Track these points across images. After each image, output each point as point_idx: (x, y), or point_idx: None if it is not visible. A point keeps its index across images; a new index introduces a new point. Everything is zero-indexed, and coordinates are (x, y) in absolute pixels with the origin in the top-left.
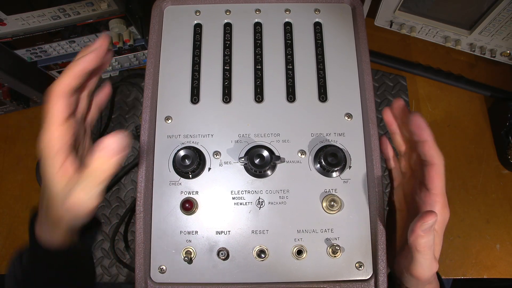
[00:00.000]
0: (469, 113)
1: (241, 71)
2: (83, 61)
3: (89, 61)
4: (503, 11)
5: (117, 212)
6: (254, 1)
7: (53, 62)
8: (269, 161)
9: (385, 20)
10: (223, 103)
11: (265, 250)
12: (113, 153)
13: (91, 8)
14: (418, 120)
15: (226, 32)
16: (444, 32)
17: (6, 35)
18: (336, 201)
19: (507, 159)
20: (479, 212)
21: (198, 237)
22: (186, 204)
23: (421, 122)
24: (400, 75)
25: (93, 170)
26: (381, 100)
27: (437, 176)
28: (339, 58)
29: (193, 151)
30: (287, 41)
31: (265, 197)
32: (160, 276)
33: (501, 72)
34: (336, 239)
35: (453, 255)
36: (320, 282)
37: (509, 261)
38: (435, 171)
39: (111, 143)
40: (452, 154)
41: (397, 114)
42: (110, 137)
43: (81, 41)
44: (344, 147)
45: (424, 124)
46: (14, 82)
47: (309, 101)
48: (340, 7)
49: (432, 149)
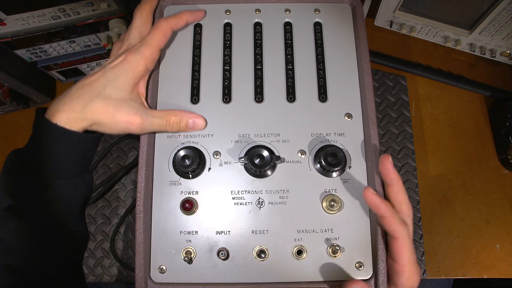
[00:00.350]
0: (469, 113)
1: (241, 71)
2: (195, 14)
3: (198, 16)
4: (503, 11)
5: (117, 212)
6: (254, 1)
7: (53, 62)
8: (269, 161)
9: (385, 20)
10: (223, 103)
11: (265, 250)
12: (190, 127)
13: (91, 8)
14: (386, 163)
15: (226, 32)
16: (444, 32)
17: (6, 35)
18: (336, 201)
19: (507, 159)
20: (479, 212)
21: (198, 237)
22: (186, 204)
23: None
24: (400, 75)
25: (158, 114)
26: (381, 100)
27: (400, 249)
28: (339, 58)
29: (193, 151)
30: (287, 41)
31: (265, 197)
32: (160, 276)
33: (501, 72)
34: (336, 239)
35: (453, 255)
36: (320, 282)
37: (509, 261)
38: (398, 244)
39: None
40: (452, 154)
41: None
42: (194, 113)
43: (81, 41)
44: (344, 147)
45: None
46: (14, 82)
47: (309, 101)
48: (340, 7)
49: (391, 224)
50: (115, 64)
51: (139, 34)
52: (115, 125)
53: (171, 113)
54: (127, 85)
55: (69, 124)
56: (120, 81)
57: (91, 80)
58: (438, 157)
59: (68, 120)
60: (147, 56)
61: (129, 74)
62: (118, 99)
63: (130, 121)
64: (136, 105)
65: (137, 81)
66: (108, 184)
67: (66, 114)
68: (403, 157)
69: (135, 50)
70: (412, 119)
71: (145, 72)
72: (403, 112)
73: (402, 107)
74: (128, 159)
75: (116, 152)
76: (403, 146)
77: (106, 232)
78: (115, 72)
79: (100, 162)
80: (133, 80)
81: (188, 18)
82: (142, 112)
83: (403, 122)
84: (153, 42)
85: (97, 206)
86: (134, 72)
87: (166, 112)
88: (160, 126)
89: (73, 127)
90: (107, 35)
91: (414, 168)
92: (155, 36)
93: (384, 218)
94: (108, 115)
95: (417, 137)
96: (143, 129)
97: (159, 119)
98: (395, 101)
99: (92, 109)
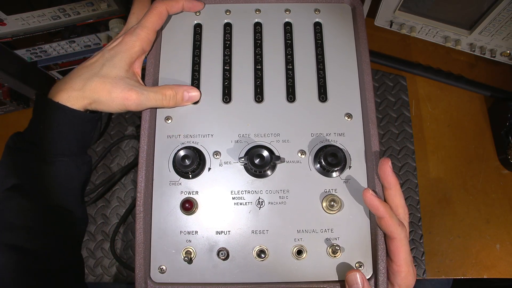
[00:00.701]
0: (469, 113)
1: (241, 71)
2: (192, 3)
3: (195, 6)
4: (503, 11)
5: (117, 212)
6: (254, 1)
7: (53, 62)
8: (269, 161)
9: (385, 20)
10: (223, 103)
11: (265, 250)
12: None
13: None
14: (385, 167)
15: (226, 32)
16: (444, 32)
17: (6, 35)
18: (336, 201)
19: (507, 159)
20: (479, 212)
21: (198, 237)
22: (186, 204)
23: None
24: (400, 75)
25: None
26: (381, 100)
27: (397, 250)
28: (339, 58)
29: (193, 151)
30: (287, 41)
31: (265, 197)
32: (160, 276)
33: (501, 72)
34: (336, 239)
35: (453, 255)
36: (320, 282)
37: (509, 261)
38: (395, 245)
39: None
40: (452, 154)
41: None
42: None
43: (81, 41)
44: (344, 147)
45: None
46: (14, 82)
47: (309, 101)
48: (340, 7)
49: (389, 225)
50: (113, 46)
51: (137, 18)
52: (112, 102)
53: (166, 87)
54: (123, 64)
55: (70, 102)
56: (117, 60)
57: (91, 62)
58: (438, 157)
59: (69, 98)
60: (143, 37)
61: (125, 54)
62: (115, 77)
63: (126, 96)
64: (132, 82)
65: (133, 61)
66: (108, 184)
67: (66, 92)
68: (403, 157)
69: (131, 32)
70: (412, 119)
71: (140, 52)
72: (403, 112)
73: (402, 107)
74: (128, 159)
75: (116, 152)
76: (403, 146)
77: (106, 232)
78: (112, 52)
79: (100, 162)
80: (129, 59)
81: (185, 4)
82: (138, 88)
83: (403, 122)
84: (148, 24)
85: (97, 206)
86: (130, 52)
87: (161, 87)
88: (156, 101)
89: (74, 105)
90: (107, 35)
91: (414, 168)
92: (150, 18)
93: (382, 219)
94: (105, 92)
95: (417, 137)
96: (140, 105)
97: (154, 93)
98: (395, 101)
99: (91, 87)
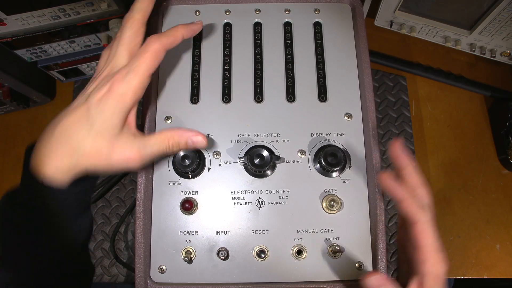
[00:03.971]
0: (469, 113)
1: (241, 71)
2: (191, 28)
3: (195, 29)
4: (503, 11)
5: (117, 212)
6: (254, 1)
7: (53, 62)
8: (269, 161)
9: (385, 20)
10: (223, 103)
11: (265, 250)
12: (190, 146)
13: (91, 8)
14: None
15: (226, 32)
16: (444, 32)
17: (6, 35)
18: (336, 201)
19: (507, 159)
20: (479, 212)
21: (198, 237)
22: (186, 204)
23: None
24: (400, 75)
25: (154, 140)
26: (381, 100)
27: (421, 235)
28: (339, 58)
29: (193, 151)
30: (287, 41)
31: (265, 197)
32: (160, 276)
33: (501, 72)
34: (336, 239)
35: (453, 255)
36: (320, 282)
37: (509, 261)
38: (418, 230)
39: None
40: (452, 154)
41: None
42: (192, 131)
43: (81, 41)
44: (344, 147)
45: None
46: (14, 82)
47: (309, 101)
48: (340, 7)
49: (410, 208)
50: (100, 97)
51: (128, 52)
52: (111, 167)
53: (168, 136)
54: (116, 120)
55: (59, 175)
56: (108, 116)
57: (76, 117)
58: (438, 157)
59: (57, 170)
60: (135, 86)
61: (117, 107)
62: (110, 137)
63: (127, 158)
64: (131, 138)
65: (126, 115)
66: (108, 184)
67: (53, 161)
68: None
69: (122, 77)
70: (412, 119)
71: (134, 103)
72: (403, 112)
73: (402, 107)
74: None
75: None
76: None
77: (106, 232)
78: (100, 107)
79: None
80: (122, 114)
81: (184, 33)
82: (138, 143)
83: (403, 122)
84: (142, 69)
85: (97, 206)
86: (122, 106)
87: (162, 137)
88: (159, 153)
89: (64, 178)
90: (107, 35)
91: None
92: (145, 62)
93: (402, 202)
94: (102, 158)
95: (417, 137)
96: (143, 162)
97: (158, 146)
98: (395, 101)
99: (84, 153)
